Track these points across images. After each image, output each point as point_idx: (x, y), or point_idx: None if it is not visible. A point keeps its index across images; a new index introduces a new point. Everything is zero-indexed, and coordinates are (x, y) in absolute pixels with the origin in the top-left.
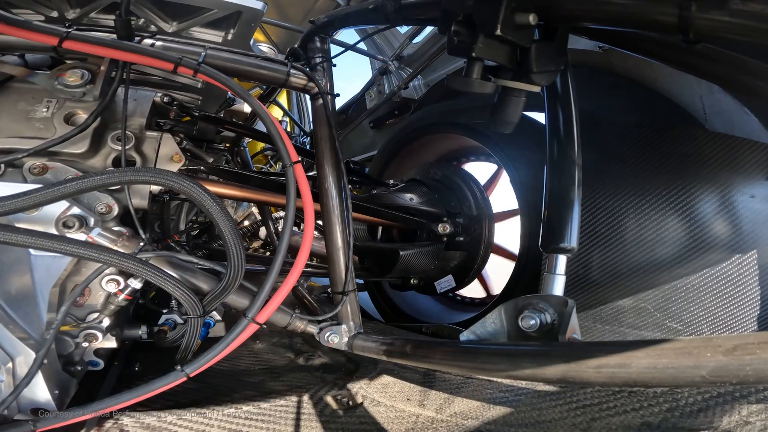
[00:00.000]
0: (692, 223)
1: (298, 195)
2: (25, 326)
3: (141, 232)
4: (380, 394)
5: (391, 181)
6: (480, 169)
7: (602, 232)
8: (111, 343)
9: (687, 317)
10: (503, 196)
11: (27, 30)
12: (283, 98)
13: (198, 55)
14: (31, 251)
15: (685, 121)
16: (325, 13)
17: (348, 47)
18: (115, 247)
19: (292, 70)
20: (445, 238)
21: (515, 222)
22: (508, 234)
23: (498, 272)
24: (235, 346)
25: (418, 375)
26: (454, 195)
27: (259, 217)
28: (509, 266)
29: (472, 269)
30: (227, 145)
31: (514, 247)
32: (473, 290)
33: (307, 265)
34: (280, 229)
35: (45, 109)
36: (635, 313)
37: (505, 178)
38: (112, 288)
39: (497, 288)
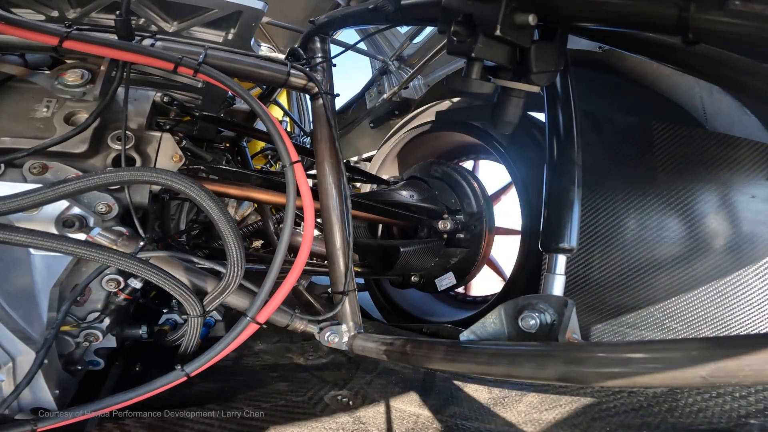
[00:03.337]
0: (692, 224)
1: (298, 194)
2: (26, 326)
3: (141, 231)
4: (380, 394)
5: (392, 179)
6: (487, 171)
7: (602, 232)
8: (111, 343)
9: (687, 317)
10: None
11: (27, 30)
12: (283, 98)
13: (198, 55)
14: (32, 251)
15: (685, 122)
16: (325, 13)
17: (348, 47)
18: (115, 247)
19: (292, 70)
20: (445, 235)
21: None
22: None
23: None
24: (236, 346)
25: (418, 375)
26: (454, 192)
27: (259, 216)
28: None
29: (472, 266)
30: (227, 144)
31: (508, 265)
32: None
33: (307, 265)
34: (280, 228)
35: (45, 109)
36: (635, 313)
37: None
38: (112, 287)
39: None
